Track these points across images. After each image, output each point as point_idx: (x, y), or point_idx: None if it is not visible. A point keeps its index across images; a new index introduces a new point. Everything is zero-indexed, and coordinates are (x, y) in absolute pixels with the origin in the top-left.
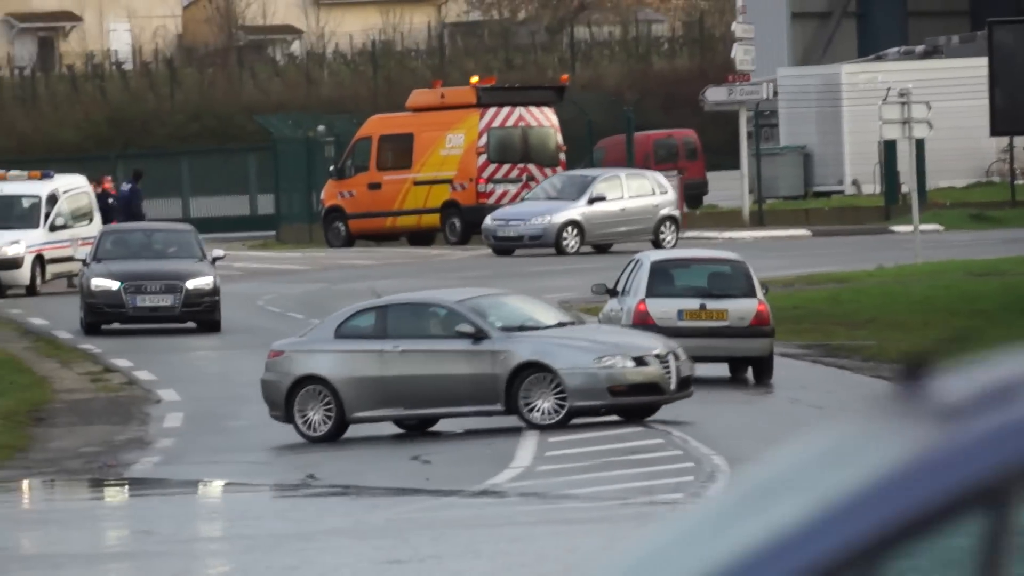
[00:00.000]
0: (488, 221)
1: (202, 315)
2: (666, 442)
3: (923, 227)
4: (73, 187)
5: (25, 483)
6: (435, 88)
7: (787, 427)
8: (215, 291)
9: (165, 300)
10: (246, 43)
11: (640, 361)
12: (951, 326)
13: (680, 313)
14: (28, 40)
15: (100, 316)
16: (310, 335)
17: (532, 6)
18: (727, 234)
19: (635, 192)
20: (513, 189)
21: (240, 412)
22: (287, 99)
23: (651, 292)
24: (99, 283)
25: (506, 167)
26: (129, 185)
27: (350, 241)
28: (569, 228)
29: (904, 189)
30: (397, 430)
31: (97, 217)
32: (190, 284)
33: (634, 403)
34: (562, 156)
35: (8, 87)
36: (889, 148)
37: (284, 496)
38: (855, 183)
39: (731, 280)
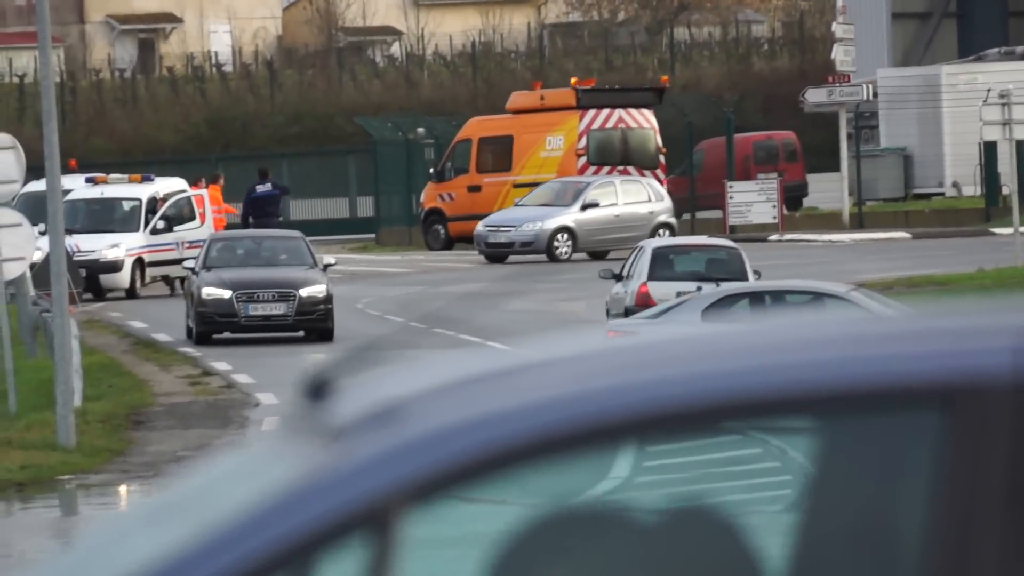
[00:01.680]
0: (479, 227)
1: (315, 323)
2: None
3: (1023, 229)
4: (174, 190)
5: (123, 487)
6: (535, 90)
7: None
8: (328, 299)
9: (278, 309)
10: (346, 44)
11: None
12: None
13: (678, 295)
14: (128, 42)
15: (211, 325)
16: (667, 316)
17: (632, 7)
18: (827, 236)
19: (630, 199)
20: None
21: None
22: (387, 101)
23: (652, 276)
24: (210, 292)
25: (606, 169)
26: (267, 185)
27: (450, 244)
28: (561, 234)
29: (1004, 191)
30: None
31: (209, 220)
32: (303, 292)
33: None
34: (662, 158)
35: (108, 89)
36: (989, 149)
37: None
38: (955, 185)
39: (726, 265)
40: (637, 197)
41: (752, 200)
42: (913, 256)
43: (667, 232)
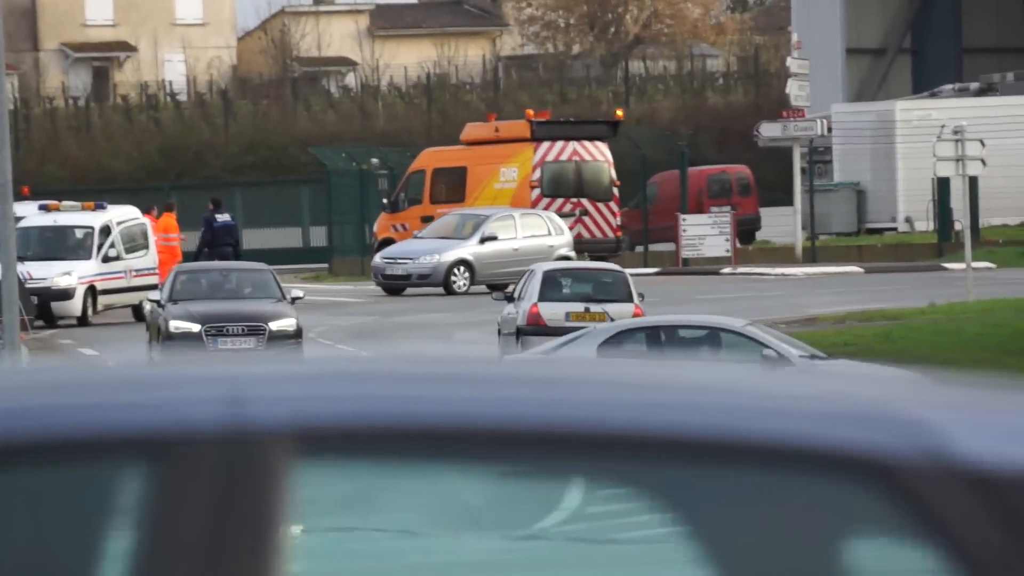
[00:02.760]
0: (377, 259)
1: None
2: None
3: (975, 264)
4: (126, 218)
5: None
6: (489, 121)
7: None
8: (298, 332)
9: (247, 343)
10: (301, 75)
11: None
12: (1003, 364)
13: (567, 315)
14: (83, 70)
15: None
16: (563, 352)
17: (587, 40)
18: (779, 270)
19: (529, 232)
20: (566, 223)
21: None
22: (341, 131)
23: (543, 297)
24: (179, 325)
25: (559, 201)
26: (226, 215)
27: None
28: (459, 267)
29: (957, 226)
30: None
31: (152, 249)
32: (273, 326)
33: None
34: (616, 191)
35: (62, 117)
36: (943, 185)
37: None
38: (908, 220)
39: (612, 287)
40: (536, 231)
41: (705, 233)
42: (865, 290)
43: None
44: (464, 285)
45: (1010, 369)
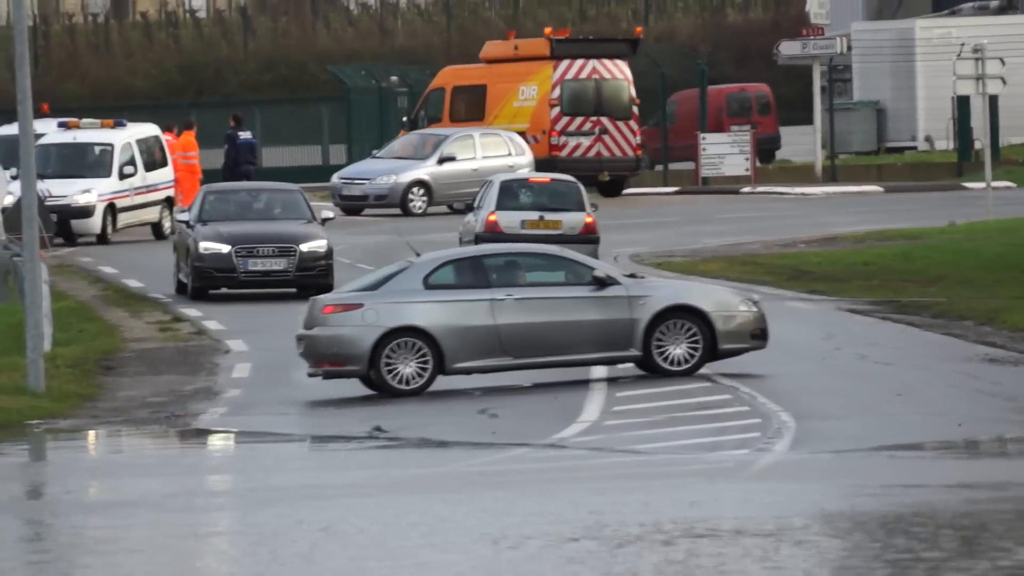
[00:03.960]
0: (334, 179)
1: (316, 279)
2: (733, 398)
3: (995, 184)
4: (145, 135)
5: (92, 432)
6: (509, 39)
7: (854, 383)
8: (329, 254)
9: (278, 264)
10: None
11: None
12: (1021, 283)
13: (523, 223)
14: None
15: (209, 280)
16: (388, 287)
17: None
18: (799, 189)
19: (489, 152)
20: (586, 142)
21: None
22: (360, 49)
23: (500, 206)
24: (208, 246)
25: (579, 120)
26: (247, 132)
27: None
28: (416, 188)
29: (977, 145)
30: (459, 385)
31: (169, 164)
32: (304, 247)
33: (755, 347)
34: (635, 109)
35: (81, 34)
36: (962, 104)
37: (353, 449)
38: (928, 139)
39: (566, 197)
40: (496, 151)
41: (725, 152)
42: (885, 210)
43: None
44: (421, 206)
45: None
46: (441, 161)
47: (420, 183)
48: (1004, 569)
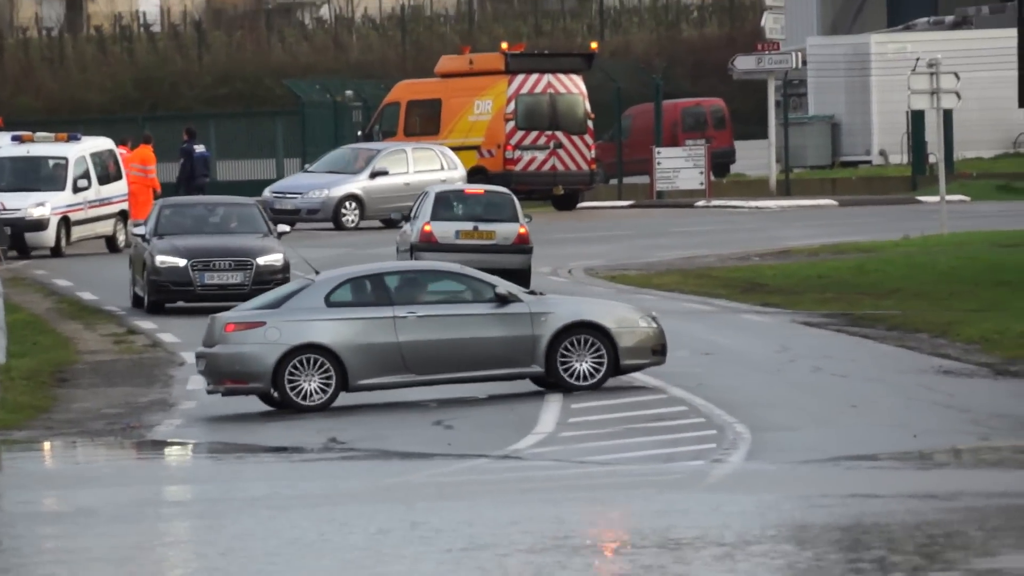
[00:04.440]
0: (266, 193)
1: None
2: (689, 409)
3: (949, 198)
4: (100, 149)
5: (47, 444)
6: (464, 54)
7: (809, 395)
8: (285, 267)
9: (235, 277)
10: (275, 6)
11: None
12: (976, 297)
13: (457, 233)
14: (56, 1)
15: (165, 294)
16: (289, 304)
17: None
18: (753, 203)
19: (421, 167)
20: (541, 156)
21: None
22: (315, 63)
23: (435, 216)
24: (165, 260)
25: (534, 134)
26: (201, 145)
27: None
28: (348, 202)
29: (931, 159)
30: (414, 396)
31: (124, 178)
32: (261, 261)
33: (655, 363)
34: (590, 123)
35: (36, 48)
36: (917, 118)
37: (310, 460)
38: (882, 153)
39: (500, 209)
40: (429, 165)
41: (680, 166)
42: (839, 223)
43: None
44: (354, 220)
45: (985, 301)
46: (373, 175)
47: (352, 197)
48: None
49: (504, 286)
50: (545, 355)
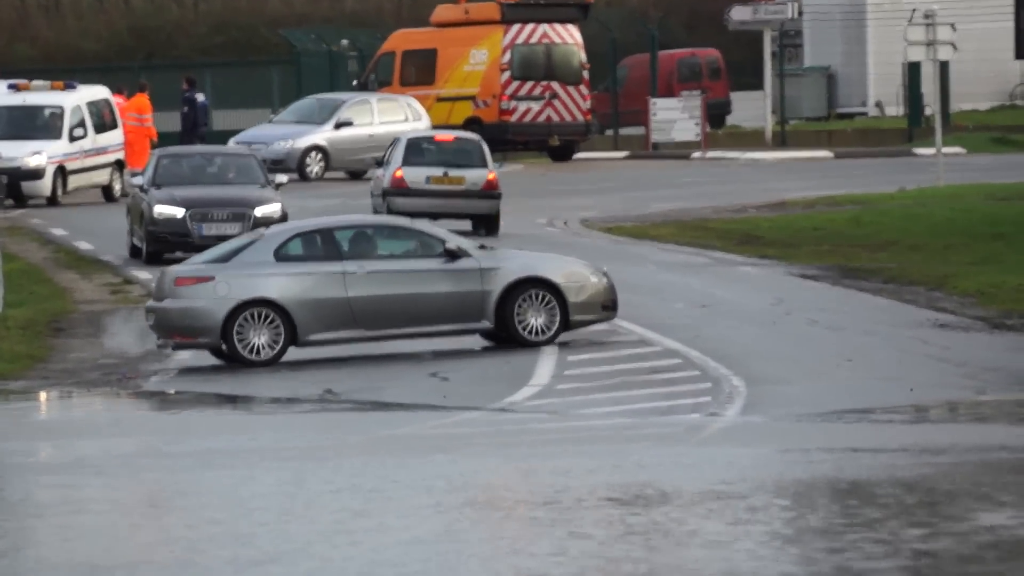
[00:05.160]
0: (230, 143)
1: None
2: (684, 362)
3: (945, 150)
4: (96, 98)
5: (43, 394)
6: (459, 3)
7: (805, 348)
8: (283, 219)
9: (232, 228)
10: None
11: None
12: (971, 249)
13: (427, 178)
14: None
15: (163, 245)
16: (239, 259)
17: None
18: (749, 154)
19: (386, 118)
20: (536, 107)
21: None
22: (311, 12)
23: (406, 162)
24: (163, 210)
25: (529, 84)
26: (201, 94)
27: None
28: (313, 153)
29: (927, 111)
30: (413, 348)
31: (120, 127)
32: (258, 212)
33: (605, 318)
34: (586, 74)
35: None
36: (913, 70)
37: (305, 412)
38: (878, 105)
39: (469, 155)
40: (394, 116)
41: (675, 117)
42: (835, 175)
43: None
44: (318, 171)
45: (981, 254)
46: (338, 126)
47: (317, 148)
48: (960, 533)
49: (454, 241)
50: (495, 310)
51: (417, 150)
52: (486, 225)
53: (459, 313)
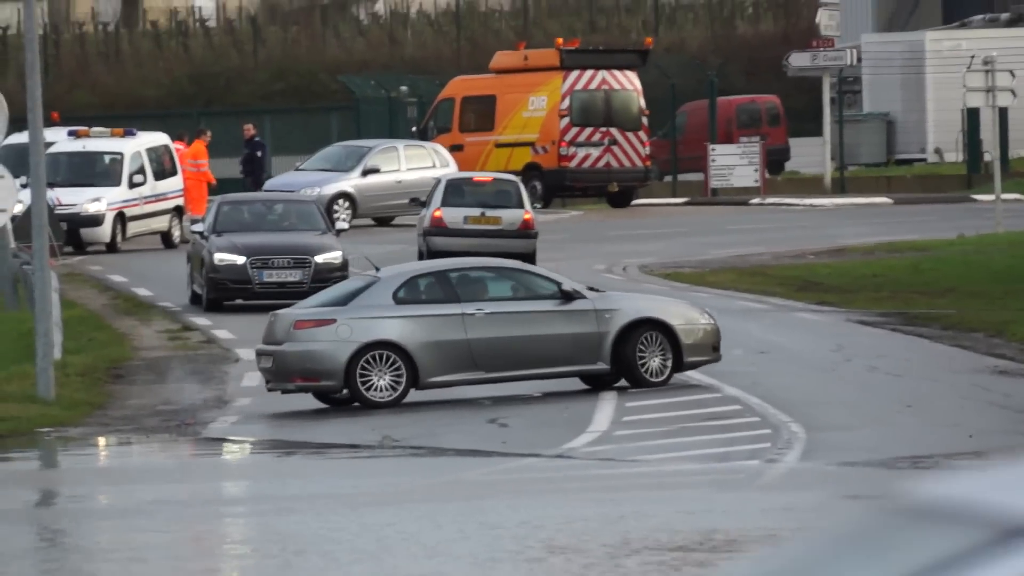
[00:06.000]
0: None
1: None
2: (743, 408)
3: (1005, 196)
4: (155, 144)
5: (102, 440)
6: (519, 50)
7: (864, 395)
8: (344, 265)
9: (293, 275)
10: (329, 2)
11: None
12: None
13: (465, 218)
14: None
15: (224, 292)
16: (358, 302)
17: None
18: (808, 200)
19: (413, 164)
20: (595, 152)
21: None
22: (370, 59)
23: (445, 203)
24: (223, 257)
25: (588, 130)
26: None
27: None
28: (340, 200)
29: (987, 157)
30: (469, 394)
31: (179, 172)
32: (319, 259)
33: (714, 360)
34: (645, 120)
35: (92, 43)
36: (972, 116)
37: (364, 457)
38: (938, 151)
39: (507, 196)
40: (421, 163)
41: (734, 163)
42: (894, 221)
43: (417, 204)
44: (346, 219)
45: None
46: (365, 173)
47: (344, 195)
48: None
49: (568, 283)
50: (611, 352)
51: (456, 191)
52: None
53: (576, 355)
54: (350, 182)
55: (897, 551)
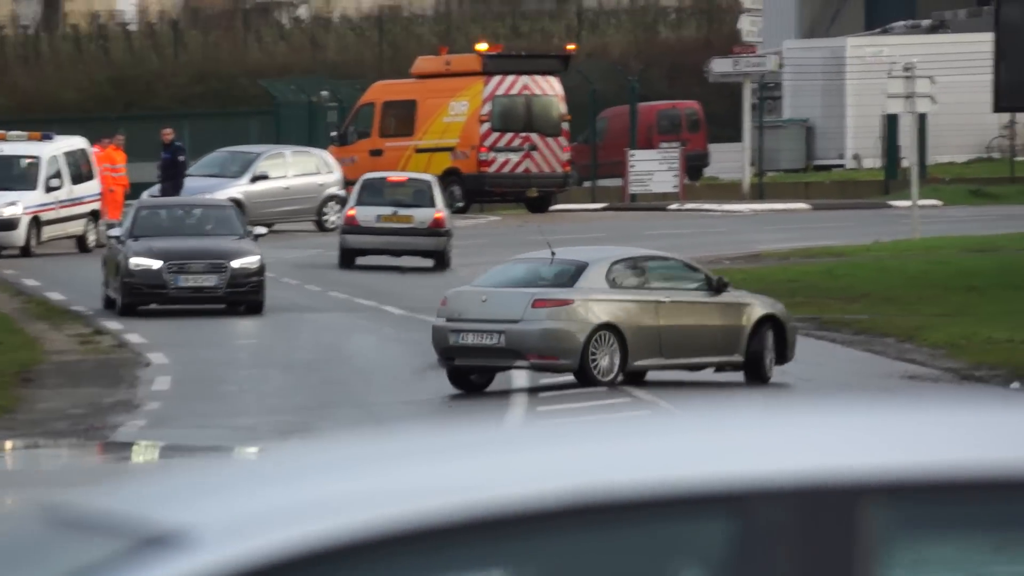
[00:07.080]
0: (144, 197)
1: (247, 296)
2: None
3: (922, 202)
4: (73, 148)
5: (8, 444)
6: (441, 55)
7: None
8: (260, 270)
9: (209, 280)
10: (252, 6)
11: None
12: (946, 302)
13: (378, 217)
14: None
15: (138, 297)
16: (580, 284)
17: None
18: (726, 206)
19: (300, 170)
20: (515, 158)
21: (230, 376)
22: (292, 63)
23: (359, 202)
24: (139, 262)
25: (509, 136)
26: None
27: None
28: None
29: (904, 163)
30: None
31: (96, 177)
32: (235, 264)
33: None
34: (565, 125)
35: (11, 46)
36: (891, 122)
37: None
38: (856, 157)
39: (421, 195)
40: (306, 169)
41: (653, 169)
42: (811, 227)
43: (337, 204)
44: None
45: (953, 306)
46: (254, 179)
47: (234, 202)
48: None
49: (712, 275)
50: (746, 345)
51: (372, 190)
52: (436, 261)
53: (725, 345)
54: (239, 188)
55: (38, 563)
